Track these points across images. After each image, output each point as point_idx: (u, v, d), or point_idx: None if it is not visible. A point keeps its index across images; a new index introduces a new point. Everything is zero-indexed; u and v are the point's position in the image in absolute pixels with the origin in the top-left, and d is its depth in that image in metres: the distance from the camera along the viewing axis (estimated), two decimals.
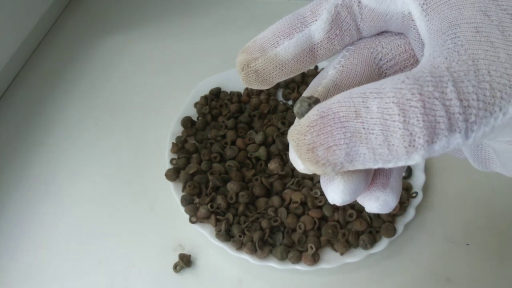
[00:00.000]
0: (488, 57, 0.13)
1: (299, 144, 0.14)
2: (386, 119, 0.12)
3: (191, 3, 0.74)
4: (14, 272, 0.46)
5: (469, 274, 0.43)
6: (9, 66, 0.63)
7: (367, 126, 0.13)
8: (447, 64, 0.13)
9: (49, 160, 0.55)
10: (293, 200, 0.45)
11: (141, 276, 0.45)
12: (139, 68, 0.65)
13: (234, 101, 0.56)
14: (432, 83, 0.12)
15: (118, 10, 0.75)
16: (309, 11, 0.17)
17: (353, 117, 0.13)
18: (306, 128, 0.14)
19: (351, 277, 0.43)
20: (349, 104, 0.13)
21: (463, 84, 0.12)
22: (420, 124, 0.12)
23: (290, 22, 0.17)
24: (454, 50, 0.13)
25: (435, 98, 0.12)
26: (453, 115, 0.12)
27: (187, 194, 0.47)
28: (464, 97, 0.12)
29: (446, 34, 0.14)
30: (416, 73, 0.13)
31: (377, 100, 0.13)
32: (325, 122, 0.13)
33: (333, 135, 0.13)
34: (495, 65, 0.13)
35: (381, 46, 0.18)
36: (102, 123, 0.59)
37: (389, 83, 0.13)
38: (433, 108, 0.12)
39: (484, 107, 0.12)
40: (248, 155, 0.50)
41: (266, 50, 0.17)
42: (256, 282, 0.44)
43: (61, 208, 0.51)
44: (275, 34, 0.17)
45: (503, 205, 0.47)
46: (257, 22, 0.69)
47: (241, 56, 0.18)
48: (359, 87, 0.13)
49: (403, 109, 0.12)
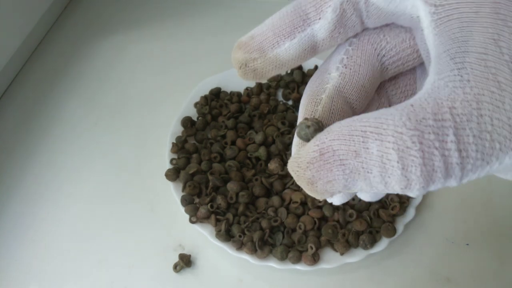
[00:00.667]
0: (494, 101, 0.13)
1: (299, 176, 0.14)
2: (385, 163, 0.13)
3: (191, 3, 0.74)
4: (14, 272, 0.46)
5: (469, 274, 0.43)
6: (9, 66, 0.63)
7: (366, 166, 0.13)
8: (451, 103, 0.13)
9: (49, 160, 0.55)
10: (293, 200, 0.45)
11: (141, 276, 0.45)
12: (139, 68, 0.65)
13: (234, 101, 0.56)
14: (433, 130, 0.12)
15: (118, 10, 0.75)
16: (312, 7, 0.16)
17: (352, 156, 0.13)
18: (306, 164, 0.14)
19: (351, 277, 0.43)
20: (349, 143, 0.13)
21: (464, 132, 0.12)
22: (418, 173, 0.13)
23: (292, 19, 0.16)
24: (459, 86, 0.13)
25: (435, 148, 0.12)
26: (451, 165, 0.12)
27: (187, 194, 0.47)
28: (464, 147, 0.12)
29: (453, 61, 0.13)
30: (418, 113, 0.13)
31: (377, 142, 0.13)
32: (325, 160, 0.14)
33: (332, 172, 0.14)
34: (499, 113, 0.13)
35: (386, 41, 0.17)
36: (102, 123, 0.59)
37: (391, 123, 0.13)
38: (432, 159, 0.12)
39: (482, 157, 0.13)
40: (248, 155, 0.50)
41: (265, 51, 0.16)
42: (256, 282, 0.44)
43: (61, 208, 0.51)
44: (275, 33, 0.16)
45: (503, 205, 0.47)
46: (257, 22, 0.69)
47: (238, 54, 0.17)
48: (361, 120, 0.13)
49: (402, 157, 0.12)
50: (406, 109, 0.13)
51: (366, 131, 0.13)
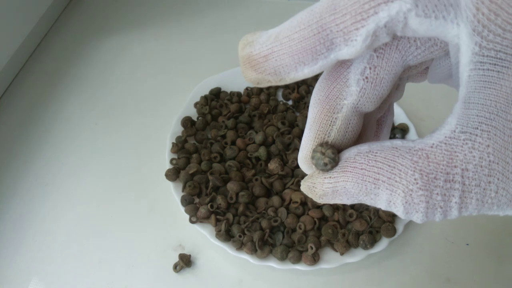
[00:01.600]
0: (505, 172, 0.13)
1: (312, 197, 0.16)
2: (391, 207, 0.14)
3: (191, 3, 0.74)
4: (14, 272, 0.46)
5: (469, 274, 0.43)
6: (9, 66, 0.63)
7: (374, 203, 0.15)
8: (465, 166, 0.13)
9: (49, 160, 0.55)
10: (293, 200, 0.45)
11: (141, 276, 0.45)
12: (139, 68, 0.65)
13: (234, 101, 0.56)
14: (441, 191, 0.13)
15: (118, 10, 0.75)
16: (339, 33, 0.13)
17: (363, 195, 0.15)
18: (319, 196, 0.16)
19: (351, 277, 0.43)
20: (361, 187, 0.14)
21: (469, 195, 0.13)
22: (419, 219, 0.14)
23: (314, 45, 0.14)
24: (478, 149, 0.13)
25: (439, 206, 0.14)
26: (450, 215, 0.14)
27: (187, 194, 0.47)
28: (465, 206, 0.13)
29: (478, 119, 0.13)
30: (432, 170, 0.13)
31: (388, 192, 0.14)
32: (337, 194, 0.15)
33: (342, 200, 0.15)
34: (506, 184, 0.13)
35: (415, 46, 0.15)
36: (102, 123, 0.59)
37: (403, 177, 0.14)
38: (434, 213, 0.14)
39: (478, 211, 0.14)
40: (248, 155, 0.50)
41: (281, 75, 0.15)
42: (256, 282, 0.44)
43: (61, 208, 0.51)
44: (294, 59, 0.14)
45: None
46: (257, 22, 0.69)
47: (250, 73, 0.15)
48: (375, 163, 0.14)
49: (408, 209, 0.14)
50: (421, 162, 0.14)
51: (379, 179, 0.14)
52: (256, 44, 0.15)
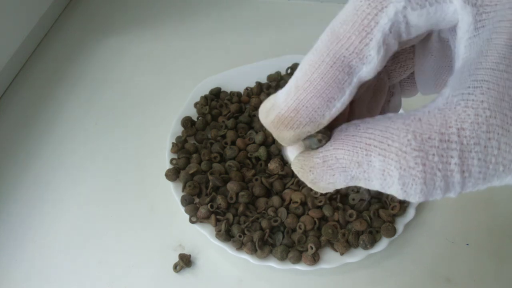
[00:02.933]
0: (505, 125, 0.12)
1: (303, 177, 0.15)
2: (386, 178, 0.13)
3: (191, 3, 0.74)
4: (14, 272, 0.46)
5: (469, 274, 0.43)
6: (9, 66, 0.63)
7: (367, 176, 0.13)
8: (460, 125, 0.12)
9: (49, 160, 0.55)
10: (293, 200, 0.45)
11: (141, 276, 0.45)
12: (139, 68, 0.65)
13: (234, 101, 0.56)
14: (438, 152, 0.12)
15: (118, 10, 0.75)
16: (353, 55, 0.14)
17: (355, 166, 0.14)
18: (309, 168, 0.15)
19: (351, 277, 0.43)
20: (352, 155, 0.13)
21: (470, 155, 0.12)
22: (418, 190, 0.13)
23: (335, 76, 0.14)
24: (472, 107, 0.12)
25: (438, 169, 0.12)
26: (452, 183, 0.13)
27: (187, 194, 0.47)
28: (467, 168, 0.12)
29: (471, 78, 0.13)
30: (425, 130, 0.13)
31: (380, 158, 0.13)
32: (328, 166, 0.14)
33: (334, 176, 0.14)
34: (508, 137, 0.12)
35: None
36: (102, 123, 0.59)
37: (396, 139, 0.13)
38: (433, 179, 0.12)
39: (484, 177, 0.13)
40: (248, 155, 0.50)
41: (317, 120, 0.14)
42: (256, 282, 0.44)
43: (61, 208, 0.51)
44: (324, 99, 0.14)
45: (503, 205, 0.47)
46: (257, 22, 0.69)
47: (286, 133, 0.15)
48: (366, 130, 0.13)
49: (404, 176, 0.13)
50: (413, 124, 0.13)
51: (371, 144, 0.13)
52: (279, 105, 0.15)
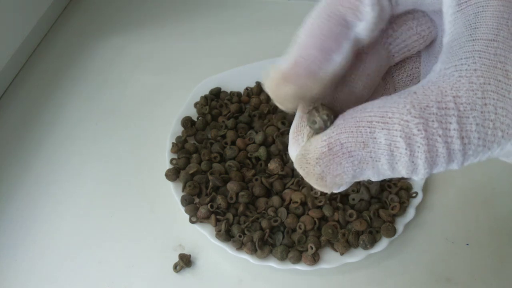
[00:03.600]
0: (499, 90, 0.13)
1: (308, 173, 0.14)
2: (393, 150, 0.13)
3: (191, 3, 0.74)
4: (14, 272, 0.46)
5: (469, 274, 0.43)
6: (9, 66, 0.63)
7: (374, 155, 0.13)
8: (455, 92, 0.13)
9: (49, 160, 0.55)
10: (293, 200, 0.45)
11: (141, 276, 0.45)
12: (139, 68, 0.65)
13: (234, 101, 0.56)
14: (437, 118, 0.13)
15: (118, 10, 0.75)
16: (349, 10, 0.14)
17: (361, 147, 0.13)
18: (316, 160, 0.14)
19: (351, 277, 0.43)
20: (357, 135, 0.13)
21: (468, 120, 0.13)
22: (423, 158, 0.13)
23: (331, 28, 0.14)
24: (465, 75, 0.13)
25: (438, 135, 0.13)
26: (453, 151, 0.13)
27: (187, 194, 0.47)
28: (466, 134, 0.13)
29: (462, 50, 0.13)
30: (422, 100, 0.13)
31: (385, 131, 0.13)
32: (333, 154, 0.14)
33: (341, 164, 0.14)
34: (504, 102, 0.13)
35: (392, 29, 0.16)
36: (102, 123, 0.59)
37: (395, 111, 0.13)
38: (435, 145, 0.13)
39: (484, 144, 0.13)
40: (248, 155, 0.50)
41: (316, 72, 0.14)
42: (256, 282, 0.44)
43: (61, 208, 0.51)
44: (321, 49, 0.14)
45: (504, 205, 0.47)
46: (257, 22, 0.69)
47: (286, 88, 0.14)
48: (364, 110, 0.13)
49: (410, 144, 0.13)
50: (410, 96, 0.13)
51: (372, 121, 0.13)
52: (279, 64, 0.15)
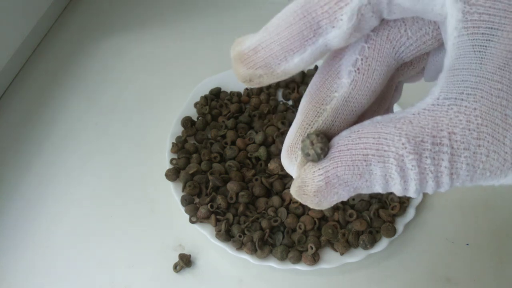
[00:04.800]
0: (495, 134, 0.13)
1: (306, 201, 0.15)
2: (388, 180, 0.14)
3: (190, 3, 0.74)
4: (14, 272, 0.46)
5: (469, 274, 0.43)
6: (9, 66, 0.63)
7: (370, 184, 0.14)
8: (451, 129, 0.13)
9: (49, 160, 0.55)
10: (293, 200, 0.45)
11: (141, 276, 0.45)
12: (139, 68, 0.65)
13: (234, 101, 0.56)
14: (430, 155, 0.13)
15: (118, 10, 0.75)
16: (324, 14, 0.13)
17: (357, 179, 0.14)
18: (313, 193, 0.15)
19: (351, 277, 0.43)
20: (353, 169, 0.14)
21: (459, 159, 0.13)
22: (414, 187, 0.14)
23: (300, 29, 0.14)
24: (464, 113, 0.13)
25: (430, 171, 0.13)
26: (442, 183, 0.13)
27: (187, 194, 0.47)
28: (455, 171, 0.13)
29: (464, 84, 0.13)
30: (417, 134, 0.13)
31: (380, 165, 0.13)
32: (331, 186, 0.14)
33: (338, 194, 0.14)
34: (497, 146, 0.13)
35: (406, 36, 0.15)
36: (102, 123, 0.59)
37: (391, 144, 0.13)
38: (426, 179, 0.13)
39: (471, 179, 0.13)
40: (248, 155, 0.50)
41: (272, 67, 0.14)
42: (256, 282, 0.44)
43: (61, 208, 0.51)
44: (283, 47, 0.14)
45: (504, 205, 0.47)
46: (257, 22, 0.69)
47: (241, 69, 0.15)
48: (359, 140, 0.14)
49: (403, 176, 0.13)
50: (405, 128, 0.13)
51: (368, 154, 0.13)
52: (246, 41, 0.15)
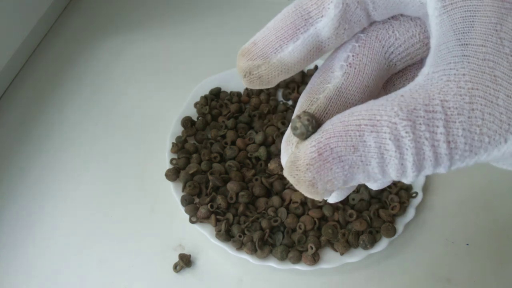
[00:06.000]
0: (487, 96, 0.13)
1: (299, 180, 0.14)
2: (383, 153, 0.13)
3: (191, 4, 0.74)
4: (14, 272, 0.46)
5: (469, 275, 0.43)
6: (9, 66, 0.63)
7: (365, 159, 0.13)
8: (443, 97, 0.13)
9: (49, 160, 0.55)
10: (293, 200, 0.45)
11: (141, 276, 0.45)
12: (139, 68, 0.65)
13: (234, 101, 0.56)
14: (424, 121, 0.13)
15: (118, 10, 0.75)
16: (313, 5, 0.15)
17: (351, 151, 0.13)
18: (306, 166, 0.14)
19: (351, 277, 0.43)
20: (346, 139, 0.13)
21: (454, 125, 0.13)
22: (411, 161, 0.13)
23: (293, 19, 0.15)
24: (454, 80, 0.13)
25: (425, 138, 0.13)
26: (440, 155, 0.13)
27: (187, 194, 0.47)
28: (453, 139, 0.13)
29: (451, 54, 0.13)
30: (410, 103, 0.13)
31: (374, 134, 0.13)
32: (324, 159, 0.14)
33: (332, 170, 0.14)
34: (491, 108, 0.13)
35: (394, 37, 0.16)
36: (102, 123, 0.59)
37: (383, 113, 0.13)
38: (422, 148, 0.13)
39: (470, 149, 0.13)
40: (248, 155, 0.50)
41: (269, 56, 0.16)
42: (256, 282, 0.44)
43: (61, 208, 0.51)
44: (277, 36, 0.16)
45: (504, 205, 0.47)
46: (257, 22, 0.69)
47: (242, 62, 0.16)
48: (352, 114, 0.14)
49: (399, 146, 0.13)
50: (397, 99, 0.13)
51: (361, 124, 0.13)
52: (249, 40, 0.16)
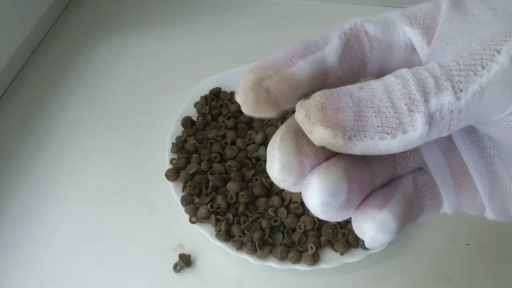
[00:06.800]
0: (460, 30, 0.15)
1: (308, 108, 0.14)
2: (388, 85, 0.14)
3: (191, 4, 0.74)
4: (14, 272, 0.46)
5: (469, 274, 0.43)
6: (9, 66, 0.63)
7: (372, 92, 0.14)
8: (438, 61, 0.14)
9: (49, 160, 0.55)
10: (293, 200, 0.45)
11: (141, 276, 0.45)
12: (139, 68, 0.65)
13: (234, 101, 0.56)
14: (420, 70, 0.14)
15: (118, 11, 0.75)
16: (319, 37, 0.17)
17: (357, 90, 0.14)
18: (315, 95, 0.14)
19: (351, 277, 0.43)
20: (351, 84, 0.15)
21: (444, 58, 0.14)
22: (412, 84, 0.14)
23: (302, 45, 0.17)
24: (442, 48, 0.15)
25: (425, 70, 0.14)
26: (437, 77, 0.14)
27: (187, 194, 0.47)
28: (445, 63, 0.14)
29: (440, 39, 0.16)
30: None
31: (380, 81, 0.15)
32: (332, 92, 0.14)
33: (340, 98, 0.14)
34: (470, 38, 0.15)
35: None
36: (102, 123, 0.59)
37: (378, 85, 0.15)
38: (420, 74, 0.14)
39: (466, 68, 0.14)
40: (248, 155, 0.50)
41: (280, 68, 0.16)
42: (256, 282, 0.44)
43: (61, 208, 0.51)
44: (288, 54, 0.16)
45: None
46: (257, 22, 0.69)
47: (250, 75, 0.16)
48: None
49: (402, 77, 0.14)
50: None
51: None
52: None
